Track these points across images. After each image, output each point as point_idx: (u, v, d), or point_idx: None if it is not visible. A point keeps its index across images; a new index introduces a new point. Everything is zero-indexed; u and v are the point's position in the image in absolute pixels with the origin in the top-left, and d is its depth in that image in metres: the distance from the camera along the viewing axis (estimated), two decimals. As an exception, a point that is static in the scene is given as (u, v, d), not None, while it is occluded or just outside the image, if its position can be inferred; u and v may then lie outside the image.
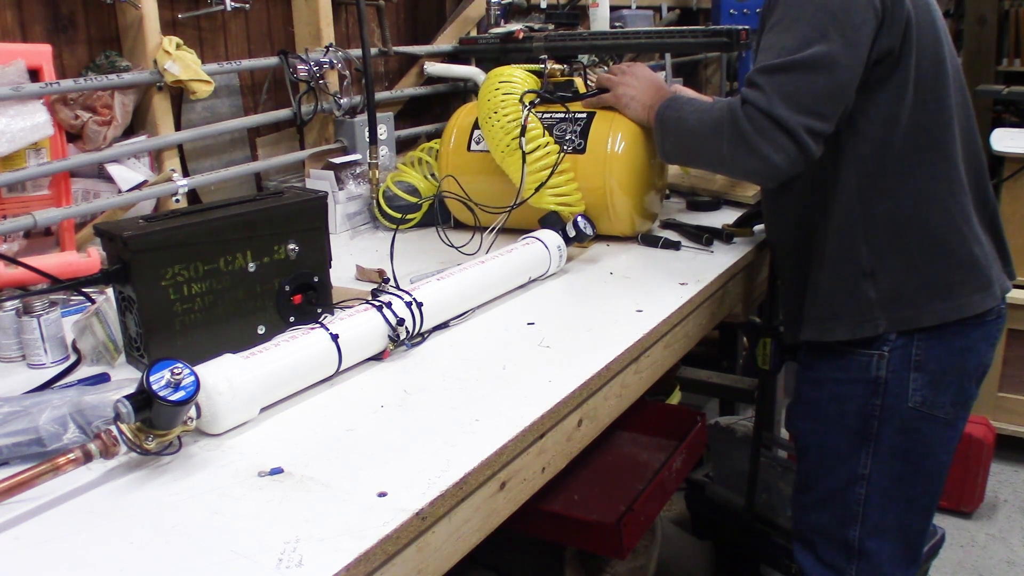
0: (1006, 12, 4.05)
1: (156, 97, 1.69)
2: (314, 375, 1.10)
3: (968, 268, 1.40)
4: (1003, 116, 3.98)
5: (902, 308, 1.39)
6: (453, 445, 0.94)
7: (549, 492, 1.39)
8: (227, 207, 1.20)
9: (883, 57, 1.33)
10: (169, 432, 0.91)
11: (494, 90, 1.67)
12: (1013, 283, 1.50)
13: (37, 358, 1.21)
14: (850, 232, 1.40)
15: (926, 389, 1.40)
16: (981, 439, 2.63)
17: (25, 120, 1.43)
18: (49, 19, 1.59)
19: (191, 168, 1.85)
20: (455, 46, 2.41)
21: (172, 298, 1.12)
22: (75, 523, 0.82)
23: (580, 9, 2.74)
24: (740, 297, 1.74)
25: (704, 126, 1.41)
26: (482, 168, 1.75)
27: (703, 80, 4.02)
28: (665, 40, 2.27)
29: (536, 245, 1.50)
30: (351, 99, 2.06)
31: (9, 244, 1.49)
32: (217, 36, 1.90)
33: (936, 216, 1.38)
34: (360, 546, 0.75)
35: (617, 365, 1.19)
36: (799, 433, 1.57)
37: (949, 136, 1.39)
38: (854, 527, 1.47)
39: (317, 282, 1.29)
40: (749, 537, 2.20)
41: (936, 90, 1.37)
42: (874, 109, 1.35)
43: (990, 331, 1.45)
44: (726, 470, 2.35)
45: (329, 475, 0.88)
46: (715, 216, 1.95)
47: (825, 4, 1.28)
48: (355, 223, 2.00)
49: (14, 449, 0.92)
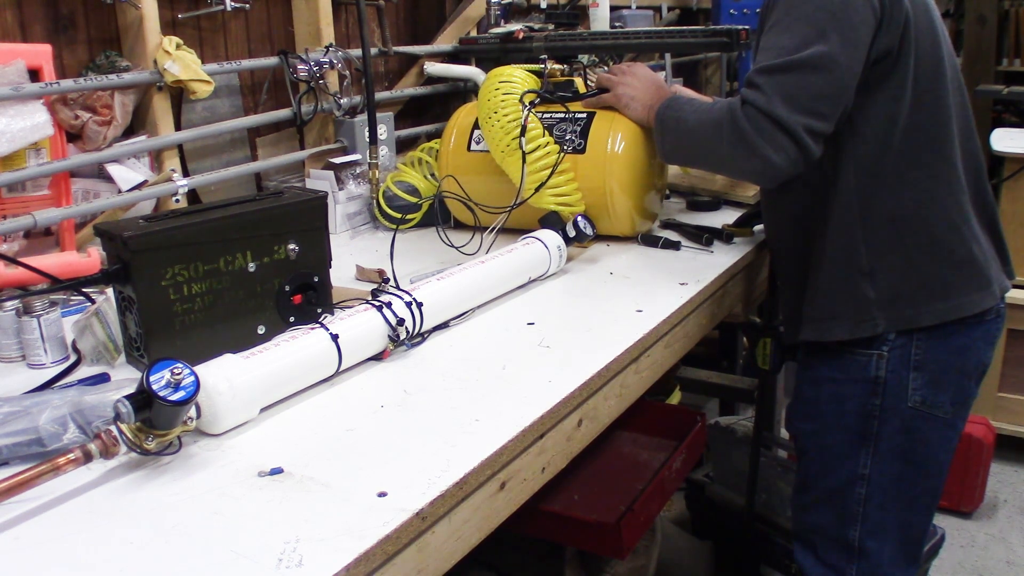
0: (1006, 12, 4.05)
1: (156, 97, 1.69)
2: (314, 375, 1.10)
3: (967, 268, 1.40)
4: (1003, 116, 3.98)
5: (901, 308, 1.39)
6: (453, 445, 0.94)
7: (549, 492, 1.39)
8: (227, 207, 1.20)
9: (882, 57, 1.33)
10: (169, 432, 0.91)
11: (494, 90, 1.67)
12: (1013, 283, 1.50)
13: (37, 358, 1.21)
14: (849, 232, 1.40)
15: (926, 389, 1.40)
16: (981, 439, 2.63)
17: (25, 120, 1.43)
18: (49, 19, 1.59)
19: (191, 168, 1.85)
20: (455, 46, 2.41)
21: (172, 298, 1.12)
22: (75, 523, 0.82)
23: (580, 9, 2.74)
24: (740, 297, 1.74)
25: (704, 126, 1.41)
26: (482, 168, 1.75)
27: (703, 80, 4.02)
28: (665, 40, 2.27)
29: (536, 245, 1.50)
30: (351, 99, 2.06)
31: (9, 244, 1.49)
32: (217, 36, 1.90)
33: (935, 216, 1.38)
34: (360, 546, 0.75)
35: (617, 365, 1.19)
36: (799, 433, 1.57)
37: (948, 136, 1.39)
38: (854, 527, 1.47)
39: (317, 282, 1.29)
40: (749, 537, 2.20)
41: (935, 90, 1.37)
42: (873, 109, 1.35)
43: (989, 330, 1.45)
44: (726, 470, 2.35)
45: (329, 475, 0.88)
46: (715, 216, 1.95)
47: (824, 4, 1.28)
48: (355, 223, 2.00)
49: (14, 449, 0.92)
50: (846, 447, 1.46)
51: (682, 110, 1.48)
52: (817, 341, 1.47)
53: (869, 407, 1.42)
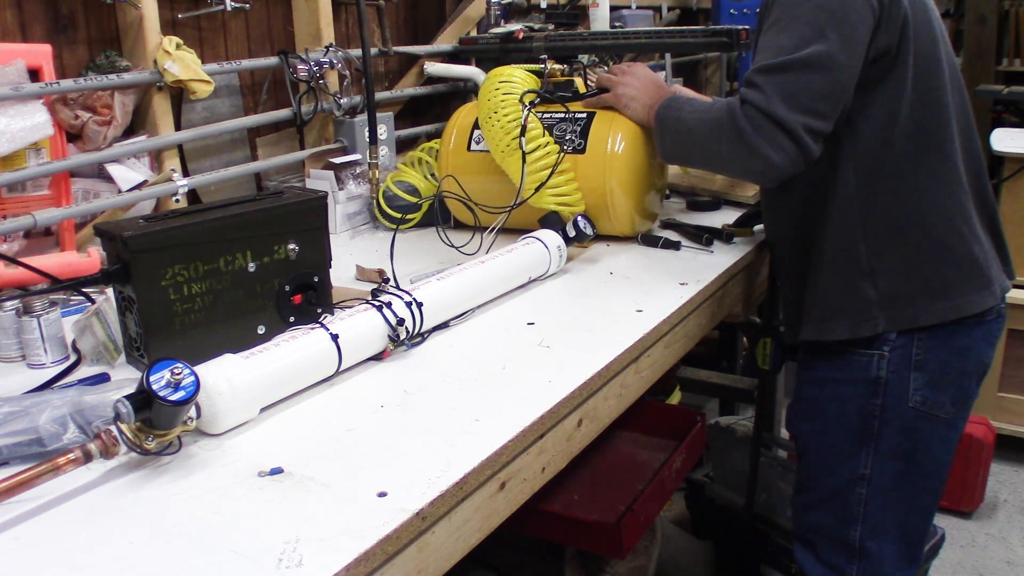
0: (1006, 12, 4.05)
1: (156, 97, 1.69)
2: (314, 375, 1.10)
3: (967, 267, 1.40)
4: (1003, 116, 3.98)
5: (901, 307, 1.39)
6: (453, 445, 0.94)
7: (549, 492, 1.39)
8: (227, 207, 1.20)
9: (880, 56, 1.33)
10: (169, 432, 0.91)
11: (494, 90, 1.67)
12: (1013, 283, 1.50)
13: (37, 358, 1.21)
14: (849, 231, 1.40)
15: (926, 389, 1.40)
16: (981, 439, 2.62)
17: (25, 120, 1.43)
18: (49, 19, 1.59)
19: (191, 168, 1.85)
20: (455, 46, 2.41)
21: (172, 298, 1.12)
22: (75, 523, 0.82)
23: (580, 9, 2.74)
24: (740, 297, 1.74)
25: (703, 126, 1.41)
26: (482, 168, 1.75)
27: (703, 80, 4.02)
28: (665, 40, 2.27)
29: (536, 245, 1.50)
30: (351, 99, 2.06)
31: (9, 244, 1.49)
32: (217, 36, 1.90)
33: (935, 215, 1.38)
34: (360, 546, 0.75)
35: (617, 365, 1.19)
36: (799, 434, 1.57)
37: (947, 135, 1.39)
38: (854, 527, 1.47)
39: (317, 282, 1.29)
40: (749, 537, 2.20)
41: (934, 90, 1.38)
42: (872, 108, 1.35)
43: (990, 330, 1.45)
44: (726, 470, 2.35)
45: (329, 475, 0.88)
46: (715, 216, 1.95)
47: (823, 3, 1.28)
48: (355, 223, 2.00)
49: (14, 449, 0.92)
50: (847, 447, 1.46)
51: (682, 110, 1.48)
52: (817, 341, 1.47)
53: (870, 407, 1.42)
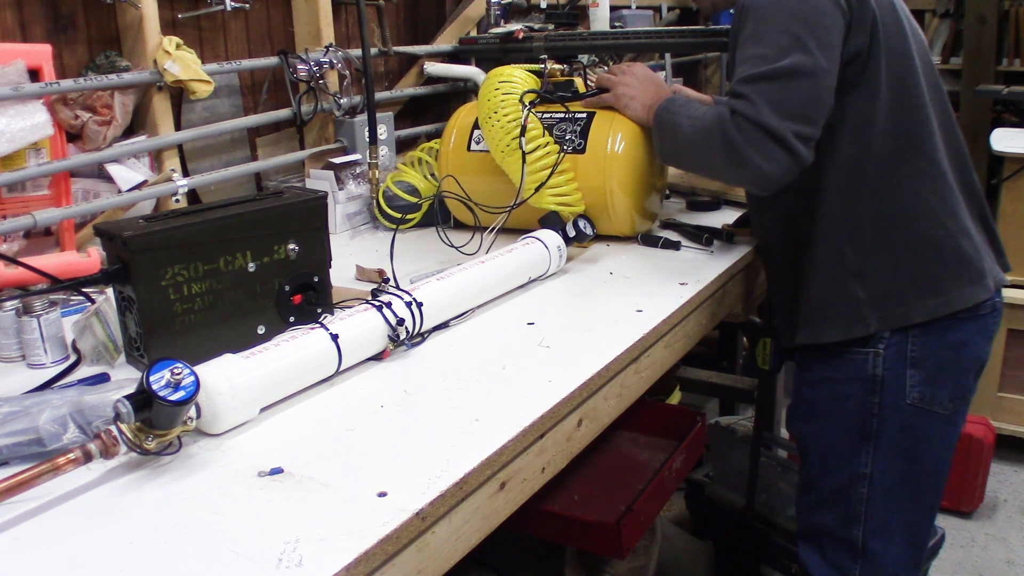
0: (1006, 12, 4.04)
1: (156, 97, 1.69)
2: (314, 375, 1.10)
3: (956, 262, 1.40)
4: (1003, 116, 3.97)
5: (892, 306, 1.39)
6: (453, 445, 0.94)
7: (549, 492, 1.39)
8: (227, 207, 1.20)
9: (853, 58, 1.34)
10: (169, 432, 0.91)
11: (494, 90, 1.67)
12: (1013, 283, 1.49)
13: (37, 358, 1.21)
14: (835, 234, 1.41)
15: (923, 385, 1.41)
16: (981, 439, 2.62)
17: (25, 120, 1.43)
18: (49, 19, 1.59)
19: (191, 168, 1.85)
20: (455, 46, 2.41)
21: (172, 298, 1.12)
22: (75, 523, 0.82)
23: (580, 9, 2.74)
24: (740, 297, 1.74)
25: (697, 134, 1.41)
26: (482, 168, 1.75)
27: (703, 80, 4.02)
28: (665, 40, 2.27)
29: (536, 245, 1.50)
30: (351, 99, 2.06)
31: (9, 244, 1.49)
32: (217, 36, 1.90)
33: (920, 213, 1.39)
34: (360, 546, 0.75)
35: (617, 365, 1.19)
36: (800, 435, 1.58)
37: (928, 132, 1.39)
38: (857, 527, 1.47)
39: (317, 282, 1.29)
40: (749, 537, 2.20)
41: (909, 88, 1.38)
42: (848, 111, 1.36)
43: (985, 324, 1.45)
44: (726, 470, 2.35)
45: (329, 475, 0.88)
46: (715, 216, 1.95)
47: (795, 12, 1.29)
48: (355, 223, 2.00)
49: (14, 449, 0.92)
50: (847, 447, 1.46)
51: (678, 114, 1.48)
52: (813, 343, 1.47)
53: (868, 406, 1.42)
